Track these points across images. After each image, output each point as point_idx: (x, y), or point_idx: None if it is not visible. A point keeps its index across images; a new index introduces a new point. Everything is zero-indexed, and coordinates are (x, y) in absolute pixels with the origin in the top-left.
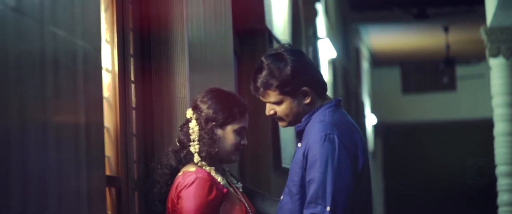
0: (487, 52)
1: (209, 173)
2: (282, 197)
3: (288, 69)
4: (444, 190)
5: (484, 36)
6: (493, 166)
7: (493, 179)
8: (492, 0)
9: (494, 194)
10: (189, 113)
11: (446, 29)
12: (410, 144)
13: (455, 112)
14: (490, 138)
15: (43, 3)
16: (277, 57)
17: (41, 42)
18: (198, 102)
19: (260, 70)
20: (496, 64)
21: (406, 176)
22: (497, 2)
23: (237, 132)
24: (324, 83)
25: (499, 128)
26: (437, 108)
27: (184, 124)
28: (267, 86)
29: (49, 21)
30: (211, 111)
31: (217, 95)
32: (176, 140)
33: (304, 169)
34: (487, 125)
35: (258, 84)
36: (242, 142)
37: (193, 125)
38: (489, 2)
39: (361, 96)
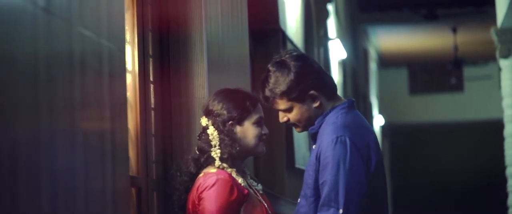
0: (497, 53)
1: (230, 174)
2: (299, 199)
3: (291, 76)
4: (451, 191)
5: (494, 37)
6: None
7: (502, 180)
8: (503, 1)
9: (502, 195)
10: (204, 120)
11: (454, 30)
12: (417, 145)
13: (463, 113)
14: (498, 139)
15: (71, 3)
16: (281, 64)
17: (69, 43)
18: (210, 107)
19: (266, 79)
20: (506, 65)
21: (413, 176)
22: (509, 3)
23: (256, 124)
24: (333, 85)
25: (509, 129)
26: (444, 108)
27: (202, 132)
28: (274, 95)
29: (77, 22)
30: (225, 112)
31: (226, 95)
32: (196, 149)
33: (317, 171)
34: (495, 126)
35: (266, 94)
36: (263, 132)
37: (211, 130)
38: (499, 3)
39: (369, 98)
